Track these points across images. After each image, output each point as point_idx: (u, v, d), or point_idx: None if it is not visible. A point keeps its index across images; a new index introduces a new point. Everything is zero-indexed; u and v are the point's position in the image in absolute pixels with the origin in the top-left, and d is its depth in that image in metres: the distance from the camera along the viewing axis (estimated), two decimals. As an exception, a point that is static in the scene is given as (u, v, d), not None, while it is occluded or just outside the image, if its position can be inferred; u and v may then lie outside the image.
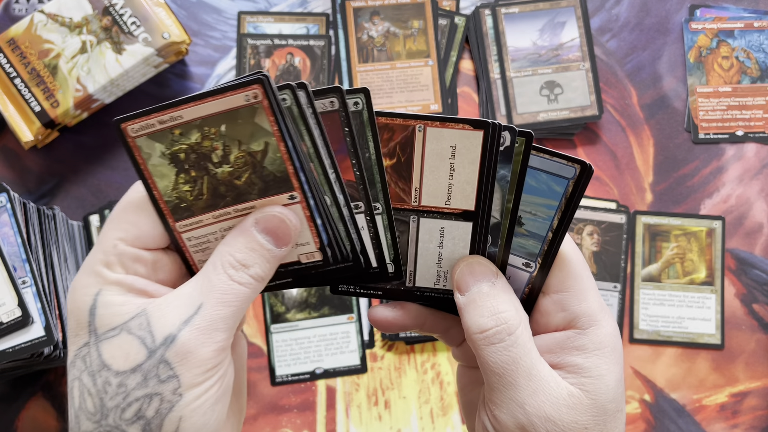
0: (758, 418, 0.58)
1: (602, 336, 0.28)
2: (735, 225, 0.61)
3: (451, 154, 0.27)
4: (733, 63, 0.63)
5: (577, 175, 0.28)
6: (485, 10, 0.62)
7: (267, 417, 0.57)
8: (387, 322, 0.31)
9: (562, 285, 0.29)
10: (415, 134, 0.27)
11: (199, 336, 0.26)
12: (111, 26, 0.55)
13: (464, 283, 0.29)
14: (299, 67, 0.62)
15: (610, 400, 0.27)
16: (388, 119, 0.27)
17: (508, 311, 0.28)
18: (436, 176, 0.28)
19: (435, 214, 0.29)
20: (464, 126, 0.27)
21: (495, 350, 0.27)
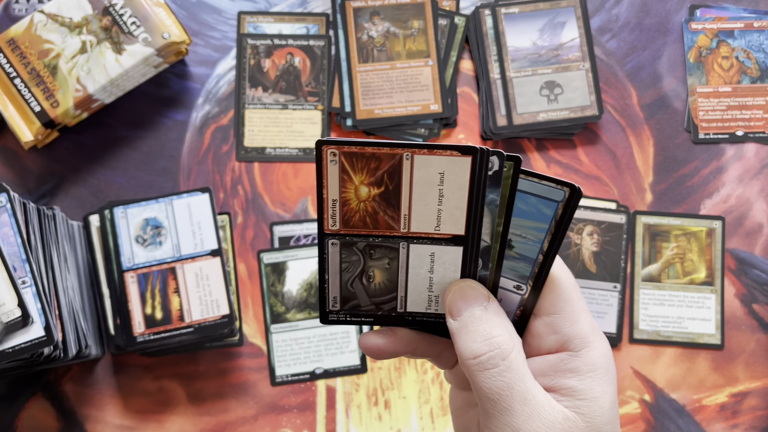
0: (758, 418, 0.58)
1: (595, 357, 0.28)
2: (735, 225, 0.61)
3: (439, 181, 0.27)
4: (733, 63, 0.63)
5: (567, 198, 0.28)
6: (485, 10, 0.62)
7: (267, 417, 0.57)
8: (378, 349, 0.31)
9: (554, 307, 0.29)
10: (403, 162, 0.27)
11: None
12: (111, 26, 0.55)
13: (456, 308, 0.28)
14: (299, 68, 0.62)
15: (606, 422, 0.27)
16: (375, 149, 0.27)
17: (501, 336, 0.27)
18: (425, 203, 0.28)
19: (425, 240, 0.29)
20: (452, 153, 0.27)
21: (489, 376, 0.27)
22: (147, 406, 0.56)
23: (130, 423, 0.56)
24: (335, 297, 0.30)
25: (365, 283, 0.30)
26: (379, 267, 0.30)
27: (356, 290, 0.30)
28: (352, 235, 0.29)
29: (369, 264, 0.30)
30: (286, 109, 0.61)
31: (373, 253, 0.29)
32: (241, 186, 0.60)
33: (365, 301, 0.31)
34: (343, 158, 0.27)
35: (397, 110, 0.60)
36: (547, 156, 0.62)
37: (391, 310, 0.31)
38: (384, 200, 0.28)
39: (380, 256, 0.29)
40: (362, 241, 0.29)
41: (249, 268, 0.59)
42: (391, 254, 0.29)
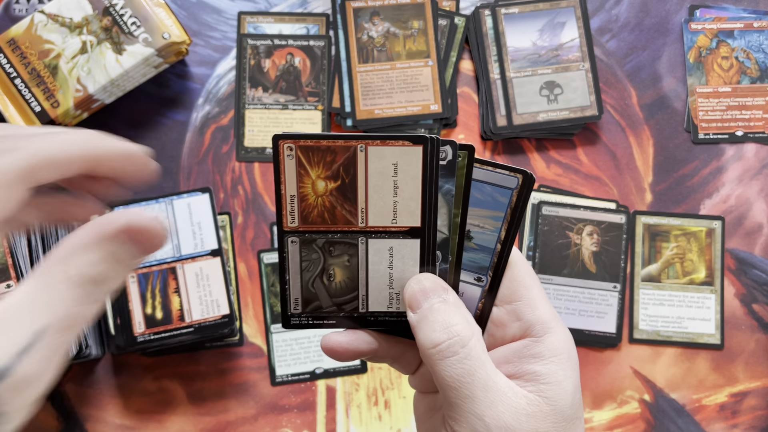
0: (758, 418, 0.58)
1: (557, 342, 0.29)
2: (735, 225, 0.61)
3: (393, 172, 0.28)
4: (733, 63, 0.63)
5: (520, 185, 0.29)
6: (485, 10, 0.62)
7: (267, 417, 0.57)
8: (341, 348, 0.31)
9: (515, 295, 0.30)
10: (357, 154, 0.27)
11: (40, 366, 0.21)
12: (111, 26, 0.55)
13: (415, 301, 0.29)
14: (299, 68, 0.62)
15: (569, 405, 0.28)
16: (330, 141, 0.27)
17: (459, 324, 0.28)
18: (380, 195, 0.28)
19: (383, 234, 0.29)
20: (404, 143, 0.27)
21: (449, 364, 0.27)
22: (147, 406, 0.56)
23: (130, 423, 0.56)
24: (296, 299, 0.30)
25: (326, 283, 0.30)
26: (339, 265, 0.30)
27: (317, 290, 0.30)
28: (311, 231, 0.29)
29: (329, 262, 0.30)
30: (287, 110, 0.61)
31: (333, 250, 0.29)
32: (241, 186, 0.60)
33: (326, 301, 0.30)
34: (300, 152, 0.27)
35: (397, 110, 0.60)
36: (547, 156, 0.62)
37: (353, 310, 0.31)
38: (341, 194, 0.28)
39: (340, 252, 0.30)
40: (321, 237, 0.29)
41: (249, 268, 0.59)
42: (351, 251, 0.29)
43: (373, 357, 0.32)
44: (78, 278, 0.22)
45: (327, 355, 0.31)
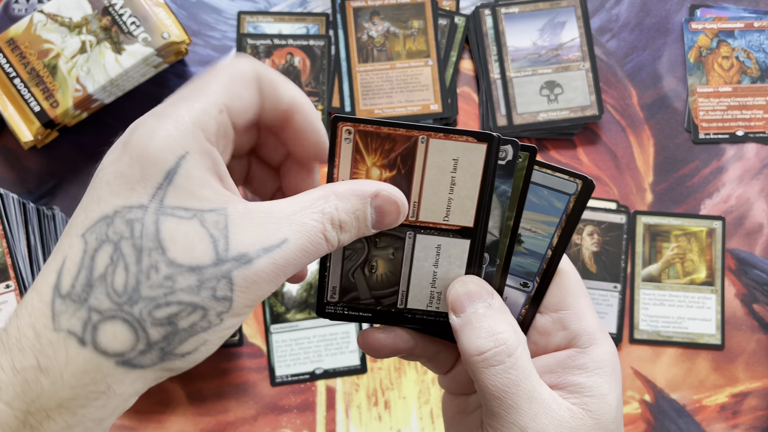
0: (758, 419, 0.58)
1: (603, 354, 0.28)
2: (735, 225, 0.61)
3: (453, 168, 0.27)
4: (733, 63, 0.63)
5: (579, 191, 0.27)
6: (485, 10, 0.62)
7: (267, 417, 0.57)
8: (379, 345, 0.30)
9: (562, 303, 0.29)
10: (418, 146, 0.26)
11: (272, 271, 0.23)
12: (110, 26, 0.55)
13: (459, 304, 0.28)
14: (299, 67, 0.62)
15: (612, 419, 0.27)
16: (391, 129, 0.26)
17: (506, 332, 0.27)
18: (435, 190, 0.27)
19: (432, 231, 0.28)
20: (468, 138, 0.26)
21: (494, 373, 0.26)
22: (147, 406, 0.56)
23: (130, 423, 0.56)
24: (334, 287, 0.30)
25: (367, 274, 0.29)
26: (382, 257, 0.29)
27: (357, 281, 0.29)
28: None
29: (373, 253, 0.29)
30: (286, 109, 0.61)
31: (378, 241, 0.29)
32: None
33: (365, 293, 0.30)
34: (358, 137, 0.26)
35: (397, 110, 0.60)
36: (547, 156, 0.62)
37: (390, 305, 0.30)
38: (395, 185, 0.27)
39: (385, 245, 0.29)
40: None
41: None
42: (397, 243, 0.28)
43: (408, 355, 0.31)
44: (327, 214, 0.25)
45: (363, 351, 0.31)
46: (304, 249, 0.24)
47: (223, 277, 0.22)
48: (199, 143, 0.24)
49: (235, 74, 0.26)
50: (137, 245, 0.22)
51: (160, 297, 0.22)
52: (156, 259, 0.22)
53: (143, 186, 0.23)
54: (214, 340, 0.23)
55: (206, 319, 0.23)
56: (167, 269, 0.22)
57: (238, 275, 0.23)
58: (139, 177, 0.23)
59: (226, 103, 0.25)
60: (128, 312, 0.22)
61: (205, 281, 0.22)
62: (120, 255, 0.22)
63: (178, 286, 0.22)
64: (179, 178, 0.23)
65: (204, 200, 0.23)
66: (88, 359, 0.22)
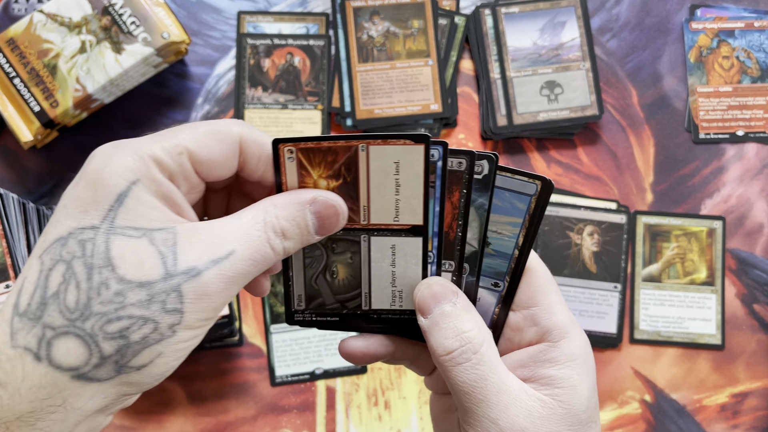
0: (759, 419, 0.58)
1: (574, 347, 0.29)
2: (735, 225, 0.60)
3: (395, 170, 0.28)
4: (734, 63, 0.63)
5: (539, 191, 0.29)
6: (485, 9, 0.62)
7: (267, 417, 0.57)
8: (360, 352, 0.31)
9: (532, 300, 0.30)
10: (359, 154, 0.28)
11: (222, 282, 0.24)
12: (110, 26, 0.55)
13: (426, 306, 0.29)
14: (299, 67, 0.62)
15: (584, 409, 0.28)
16: (331, 143, 0.27)
17: (471, 330, 0.28)
18: (382, 193, 0.28)
19: (385, 232, 0.29)
20: (405, 141, 0.27)
21: (462, 370, 0.27)
22: (147, 406, 0.56)
23: (130, 423, 0.56)
24: (300, 295, 0.31)
25: (329, 280, 0.30)
26: (342, 262, 0.30)
27: (320, 287, 0.31)
28: None
29: (332, 259, 0.30)
30: (286, 109, 0.61)
31: (336, 247, 0.30)
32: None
33: (330, 298, 0.31)
34: (300, 154, 0.27)
35: (397, 110, 0.60)
36: (547, 156, 0.62)
37: (356, 308, 0.31)
38: (343, 192, 0.28)
39: (342, 249, 0.30)
40: None
41: (249, 268, 0.59)
42: (353, 248, 0.30)
43: (390, 359, 0.32)
44: (269, 224, 0.26)
45: (345, 360, 0.32)
46: (252, 259, 0.25)
47: (172, 291, 0.23)
48: (151, 173, 0.25)
49: (215, 131, 0.27)
50: (88, 264, 0.23)
51: (111, 312, 0.23)
52: (106, 276, 0.23)
53: (96, 208, 0.24)
54: (169, 352, 0.24)
55: (158, 331, 0.23)
56: (117, 285, 0.23)
57: (187, 288, 0.23)
58: (92, 200, 0.24)
59: (189, 148, 0.26)
60: (80, 327, 0.23)
61: (155, 295, 0.23)
62: (72, 273, 0.23)
63: (128, 301, 0.23)
64: (130, 200, 0.24)
65: (153, 221, 0.24)
66: (43, 374, 0.23)
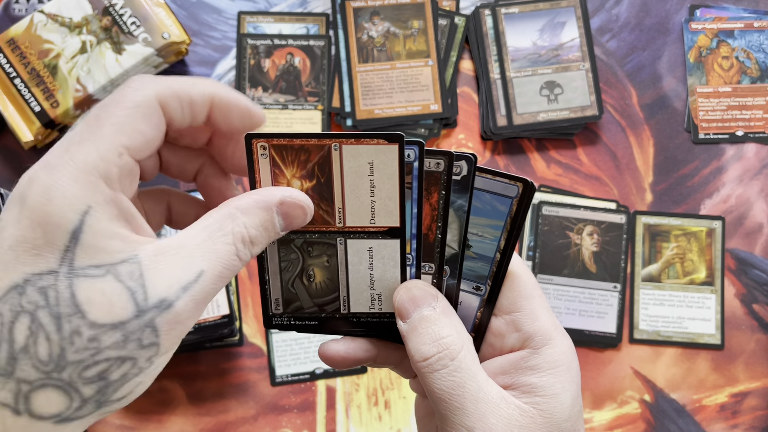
0: (758, 419, 0.58)
1: (556, 354, 0.28)
2: (735, 225, 0.61)
3: (369, 171, 0.27)
4: (733, 63, 0.63)
5: (520, 194, 0.28)
6: (485, 10, 0.62)
7: (267, 417, 0.57)
8: (339, 356, 0.30)
9: (514, 305, 0.29)
10: (332, 153, 0.27)
11: (195, 307, 0.24)
12: (111, 26, 0.55)
13: (405, 310, 0.28)
14: (299, 68, 0.62)
15: (566, 418, 0.27)
16: (303, 141, 0.26)
17: (449, 336, 0.27)
18: (357, 195, 0.27)
19: (361, 234, 0.28)
20: (378, 141, 0.27)
21: (439, 377, 0.26)
22: (147, 406, 0.56)
23: (130, 423, 0.56)
24: (277, 299, 0.30)
25: (306, 283, 0.30)
26: (318, 265, 0.29)
27: (297, 291, 0.30)
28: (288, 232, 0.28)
29: (308, 262, 0.29)
30: (286, 109, 0.61)
31: (312, 251, 0.29)
32: (241, 186, 0.60)
33: (307, 302, 0.30)
34: (273, 151, 0.27)
35: (397, 110, 0.60)
36: (547, 156, 0.62)
37: (334, 311, 0.30)
38: (317, 194, 0.27)
39: (319, 253, 0.29)
40: (299, 237, 0.29)
41: (249, 269, 0.59)
42: (330, 251, 0.29)
43: (373, 363, 0.31)
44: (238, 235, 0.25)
45: (325, 364, 0.31)
46: (221, 276, 0.24)
47: (147, 327, 0.23)
48: (101, 193, 0.23)
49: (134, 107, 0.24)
50: (55, 313, 0.22)
51: (88, 359, 0.22)
52: (77, 324, 0.22)
53: (50, 250, 0.22)
54: (148, 380, 0.24)
55: (137, 366, 0.23)
56: (90, 331, 0.22)
57: (161, 321, 0.23)
58: (44, 242, 0.22)
59: (126, 144, 0.24)
60: (57, 378, 0.22)
61: (130, 334, 0.22)
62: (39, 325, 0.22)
63: (103, 345, 0.22)
64: (85, 236, 0.22)
65: (114, 252, 0.23)
66: (25, 426, 0.22)
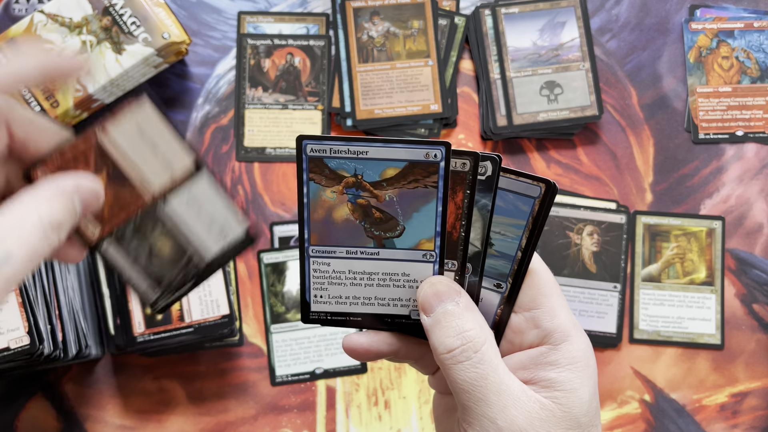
0: (758, 418, 0.58)
1: (575, 351, 0.29)
2: (735, 225, 0.61)
3: (140, 134, 0.28)
4: (733, 63, 0.63)
5: (543, 194, 0.29)
6: (485, 10, 0.62)
7: (267, 417, 0.57)
8: (363, 349, 0.31)
9: (534, 303, 0.30)
10: (101, 138, 0.28)
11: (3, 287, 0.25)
12: (111, 26, 0.55)
13: (429, 305, 0.29)
14: (299, 68, 0.62)
15: (584, 413, 0.28)
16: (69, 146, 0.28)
17: (473, 329, 0.28)
18: (146, 158, 0.28)
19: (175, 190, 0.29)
20: (130, 103, 0.28)
21: (463, 368, 0.27)
22: (147, 406, 0.56)
23: (130, 423, 0.56)
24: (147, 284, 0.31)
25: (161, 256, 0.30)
26: (159, 237, 0.30)
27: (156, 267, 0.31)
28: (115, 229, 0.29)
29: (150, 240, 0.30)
30: (286, 109, 0.61)
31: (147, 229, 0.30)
32: (241, 186, 0.60)
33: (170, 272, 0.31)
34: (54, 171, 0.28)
35: (397, 110, 0.60)
36: (547, 156, 0.62)
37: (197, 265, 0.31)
38: (116, 181, 0.28)
39: (152, 227, 0.30)
40: (127, 226, 0.29)
41: (249, 268, 0.59)
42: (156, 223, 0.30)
43: (395, 357, 0.32)
44: (45, 220, 0.26)
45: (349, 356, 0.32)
46: (30, 260, 0.25)
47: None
48: None
49: None
50: None
51: None
52: None
53: None
54: None
55: None
56: None
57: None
58: None
59: None
60: None
61: None
62: None
63: None
64: None
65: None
66: None
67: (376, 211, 0.30)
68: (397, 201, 0.29)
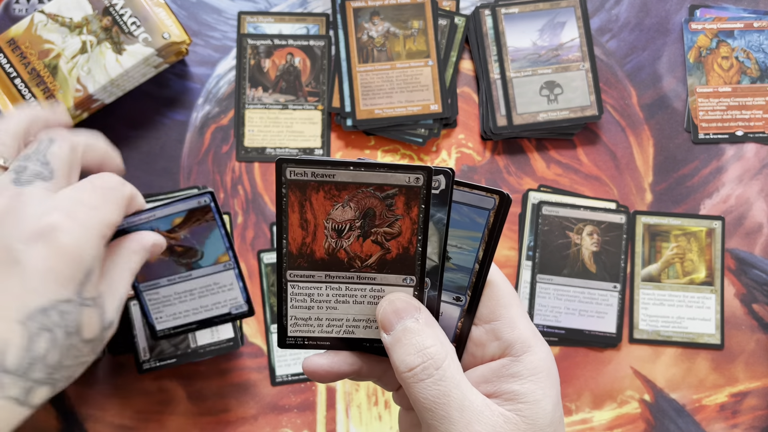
0: (758, 418, 0.58)
1: (536, 361, 0.28)
2: (735, 225, 0.61)
3: None
4: (733, 63, 0.63)
5: (497, 206, 0.29)
6: (485, 10, 0.62)
7: (267, 417, 0.57)
8: (323, 370, 0.31)
9: (493, 314, 0.30)
10: None
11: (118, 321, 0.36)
12: (111, 26, 0.55)
13: (388, 322, 0.28)
14: (299, 68, 0.62)
15: (548, 423, 0.27)
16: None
17: (433, 346, 0.27)
18: None
19: None
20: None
21: (424, 386, 0.27)
22: (147, 406, 0.56)
23: (130, 423, 0.56)
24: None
25: None
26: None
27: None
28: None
29: None
30: (287, 109, 0.61)
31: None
32: (241, 186, 0.60)
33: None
34: None
35: (397, 110, 0.60)
36: (547, 156, 0.62)
37: None
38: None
39: None
40: None
41: (249, 268, 0.59)
42: None
43: (357, 377, 0.32)
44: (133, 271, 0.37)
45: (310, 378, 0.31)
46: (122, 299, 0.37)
47: (102, 340, 0.35)
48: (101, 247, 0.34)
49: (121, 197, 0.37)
50: (68, 332, 0.32)
51: (74, 366, 0.34)
52: (76, 340, 0.33)
53: (71, 283, 0.32)
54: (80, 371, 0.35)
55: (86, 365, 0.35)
56: (81, 345, 0.33)
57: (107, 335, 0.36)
58: (70, 276, 0.32)
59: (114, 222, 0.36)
60: (54, 378, 0.33)
61: (95, 347, 0.34)
62: (55, 340, 0.32)
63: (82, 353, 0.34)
64: (93, 275, 0.33)
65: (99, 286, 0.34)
66: (21, 413, 0.32)
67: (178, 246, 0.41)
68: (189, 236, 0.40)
